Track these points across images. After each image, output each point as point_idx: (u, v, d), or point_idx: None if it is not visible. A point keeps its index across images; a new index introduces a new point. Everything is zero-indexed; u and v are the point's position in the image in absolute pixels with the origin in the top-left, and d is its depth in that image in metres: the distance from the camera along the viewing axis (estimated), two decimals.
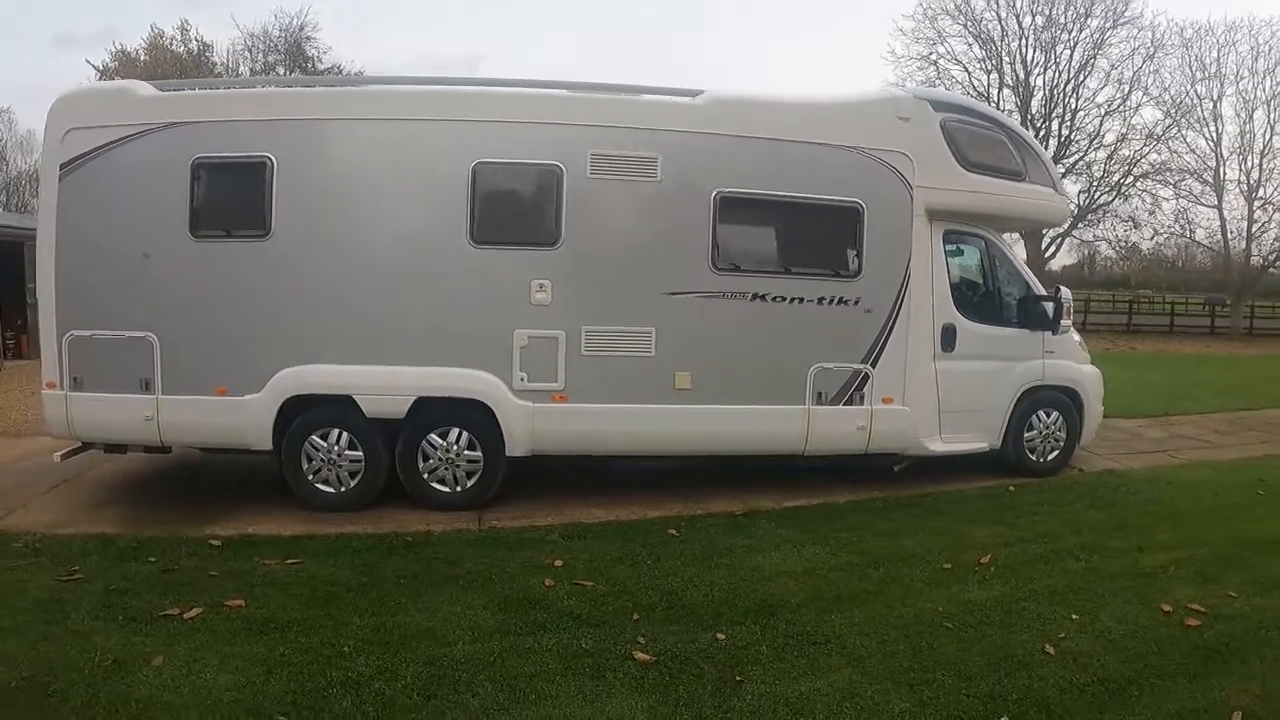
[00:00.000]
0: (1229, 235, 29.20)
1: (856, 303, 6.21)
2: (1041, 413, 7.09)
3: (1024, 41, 28.02)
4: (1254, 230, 28.66)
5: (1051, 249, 28.27)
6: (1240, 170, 28.25)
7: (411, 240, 5.70)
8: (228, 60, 27.30)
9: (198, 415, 5.68)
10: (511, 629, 3.94)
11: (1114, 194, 28.38)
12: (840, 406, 6.27)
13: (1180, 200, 28.97)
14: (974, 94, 26.92)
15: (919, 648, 3.83)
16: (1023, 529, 5.64)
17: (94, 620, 3.93)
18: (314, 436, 5.75)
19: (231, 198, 5.66)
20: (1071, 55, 27.72)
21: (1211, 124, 28.02)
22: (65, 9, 61.91)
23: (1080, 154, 27.97)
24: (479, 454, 5.86)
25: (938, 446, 6.65)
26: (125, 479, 6.65)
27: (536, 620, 4.04)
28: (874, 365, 6.29)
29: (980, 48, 28.42)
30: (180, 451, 6.45)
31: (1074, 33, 27.51)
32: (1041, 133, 27.06)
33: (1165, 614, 4.23)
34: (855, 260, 6.21)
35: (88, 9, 65.53)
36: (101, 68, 25.93)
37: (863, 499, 6.31)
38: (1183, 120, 27.79)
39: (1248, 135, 27.95)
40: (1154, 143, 27.68)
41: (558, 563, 4.79)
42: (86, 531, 5.23)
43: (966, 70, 28.61)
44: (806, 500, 6.21)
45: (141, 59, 25.76)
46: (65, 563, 4.65)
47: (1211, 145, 28.15)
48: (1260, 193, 28.10)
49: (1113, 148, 27.95)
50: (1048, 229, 23.23)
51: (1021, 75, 28.29)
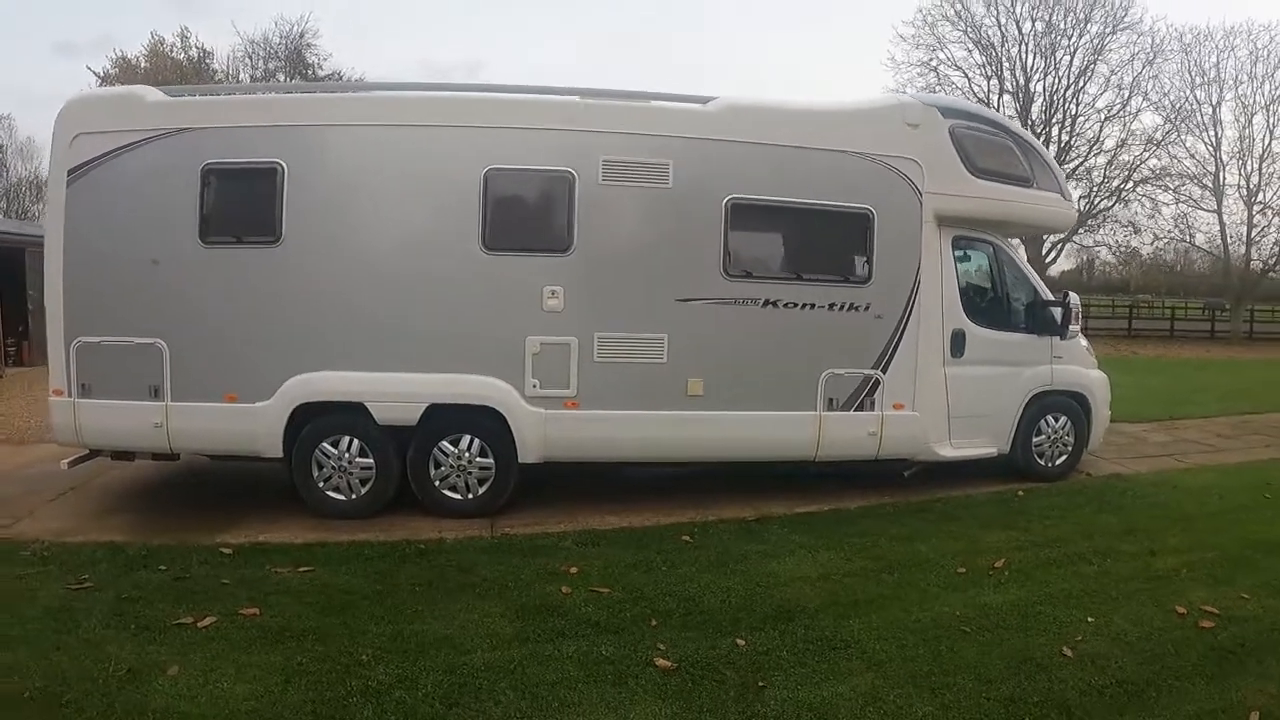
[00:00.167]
0: (1229, 240, 29.36)
1: (867, 308, 6.21)
2: (1050, 417, 7.09)
3: (1024, 47, 28.21)
4: (1254, 235, 28.80)
5: (1052, 254, 28.35)
6: (1240, 175, 28.40)
7: (423, 246, 5.69)
8: (228, 67, 27.40)
9: (207, 422, 5.65)
10: (530, 636, 3.92)
11: (1114, 199, 28.50)
12: (851, 412, 6.27)
13: (1180, 205, 29.15)
14: (974, 100, 26.98)
15: (938, 652, 3.84)
16: (1034, 533, 5.66)
17: (106, 629, 3.89)
18: (325, 443, 5.73)
19: (242, 204, 5.65)
20: (1071, 61, 27.89)
21: (1211, 129, 28.18)
22: (63, 15, 62.12)
23: (1080, 159, 28.10)
24: (491, 461, 5.83)
25: (947, 452, 6.65)
26: (132, 486, 6.61)
27: (555, 627, 4.02)
28: (884, 371, 6.29)
29: (980, 53, 28.60)
30: (187, 458, 6.42)
31: (1074, 38, 27.71)
32: (1042, 138, 27.03)
33: (1179, 616, 4.25)
34: (866, 266, 6.22)
35: (86, 16, 65.70)
36: (102, 74, 25.99)
37: (874, 504, 6.30)
38: (1182, 125, 27.98)
39: (1247, 140, 28.12)
40: (1154, 148, 27.86)
41: (573, 569, 4.78)
42: (95, 539, 5.21)
43: (967, 76, 28.78)
44: (818, 506, 6.20)
45: (142, 66, 25.79)
46: (74, 571, 4.61)
47: (1211, 150, 28.31)
48: (1260, 197, 28.24)
49: (1113, 153, 28.15)
50: (1053, 234, 23.23)
51: (1021, 81, 28.45)
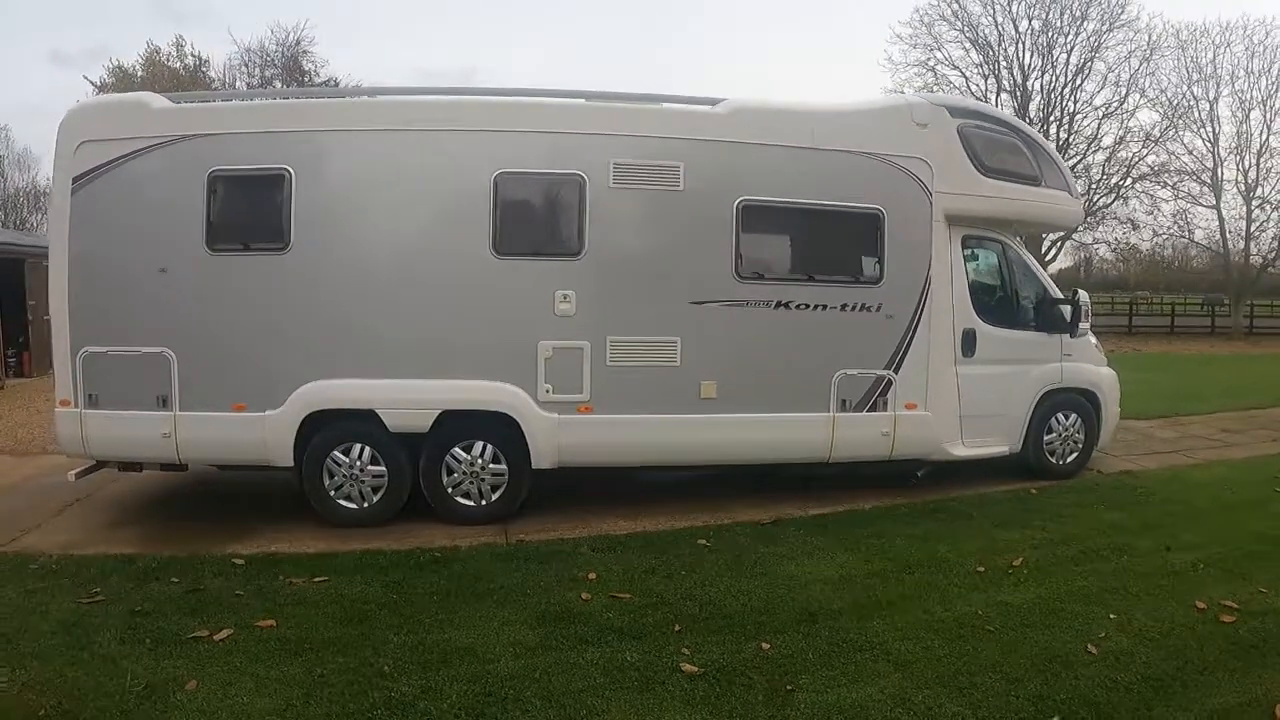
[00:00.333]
0: (1227, 235, 29.40)
1: (879, 309, 6.19)
2: (1060, 415, 7.08)
3: (1021, 46, 28.23)
4: (1252, 230, 28.90)
5: (1052, 252, 28.36)
6: (1238, 170, 28.50)
7: (433, 251, 5.65)
8: (224, 75, 27.24)
9: (216, 432, 5.60)
10: (553, 644, 3.88)
11: (1113, 196, 28.52)
12: (864, 413, 6.24)
13: (1179, 201, 29.20)
14: (972, 99, 27.04)
15: (963, 651, 3.82)
16: (1051, 531, 5.64)
17: (121, 644, 3.84)
18: (336, 452, 5.67)
19: (249, 210, 5.61)
20: (1068, 59, 27.91)
21: (1208, 125, 28.23)
22: (57, 26, 62.00)
23: (1079, 157, 27.97)
24: (504, 467, 5.79)
25: (960, 451, 6.63)
26: (140, 498, 6.55)
27: (577, 634, 3.98)
28: (897, 371, 6.27)
29: (978, 52, 28.64)
30: (195, 469, 6.37)
31: (1070, 36, 27.71)
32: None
33: (1199, 611, 4.25)
34: (877, 267, 6.20)
35: (80, 26, 65.62)
36: (99, 84, 25.91)
37: (888, 505, 6.28)
38: (1180, 121, 28.00)
39: (1244, 135, 28.20)
40: (1152, 144, 27.89)
41: (591, 575, 4.74)
42: (105, 552, 5.15)
43: (964, 75, 28.79)
44: (833, 508, 6.18)
45: (139, 75, 25.72)
46: (85, 584, 4.56)
47: (1209, 146, 28.36)
48: (1258, 192, 28.34)
49: (1111, 150, 28.17)
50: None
51: (1019, 79, 28.47)
